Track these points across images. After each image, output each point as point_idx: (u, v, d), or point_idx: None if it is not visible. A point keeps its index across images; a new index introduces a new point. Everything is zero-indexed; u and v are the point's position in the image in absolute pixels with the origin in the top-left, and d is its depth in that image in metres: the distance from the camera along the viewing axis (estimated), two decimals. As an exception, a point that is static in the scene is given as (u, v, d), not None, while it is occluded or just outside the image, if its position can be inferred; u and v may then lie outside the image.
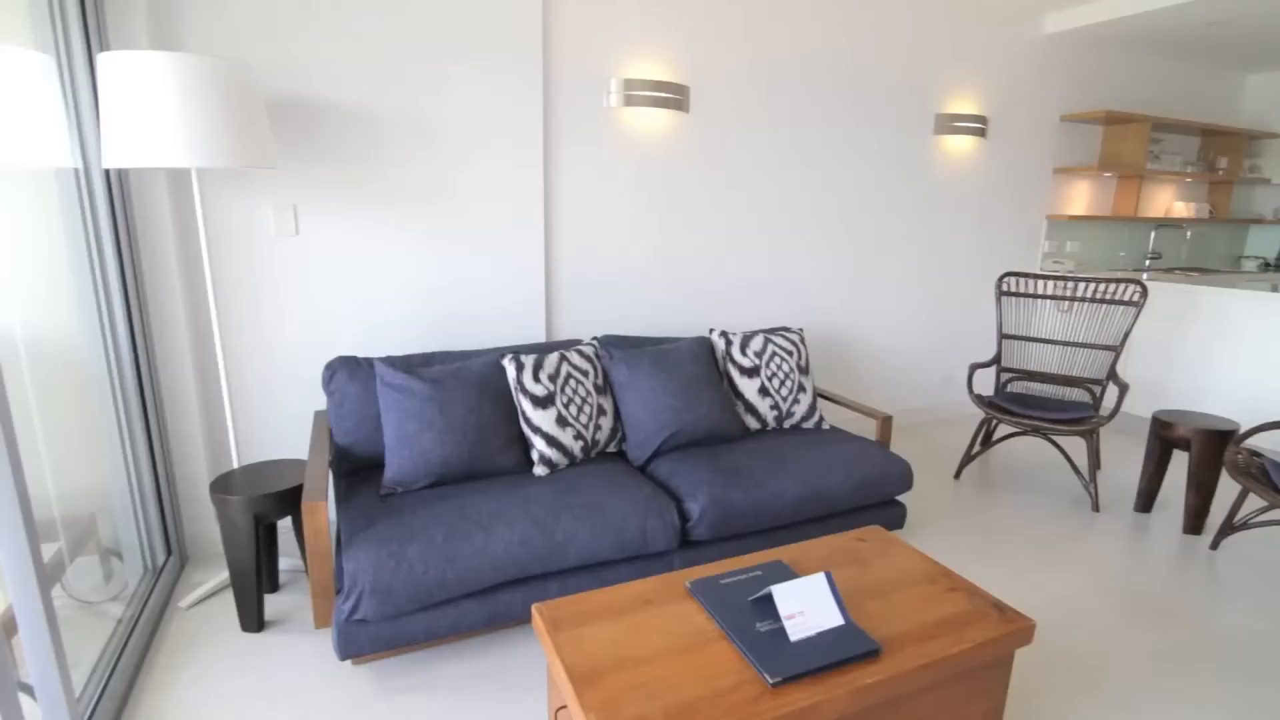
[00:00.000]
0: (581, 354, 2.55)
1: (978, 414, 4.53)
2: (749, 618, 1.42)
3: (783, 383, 2.81)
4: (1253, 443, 3.73)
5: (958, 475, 3.48)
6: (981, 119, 3.97)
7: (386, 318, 2.73)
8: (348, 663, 1.98)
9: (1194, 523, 2.92)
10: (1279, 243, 5.55)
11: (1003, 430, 4.12)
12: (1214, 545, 2.80)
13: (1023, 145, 4.28)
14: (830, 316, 3.87)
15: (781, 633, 1.37)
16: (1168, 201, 5.16)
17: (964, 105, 3.97)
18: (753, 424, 2.78)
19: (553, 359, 2.44)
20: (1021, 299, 3.60)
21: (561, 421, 2.34)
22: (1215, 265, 5.58)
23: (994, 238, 4.35)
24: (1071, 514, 3.08)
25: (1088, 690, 1.93)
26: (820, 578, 1.45)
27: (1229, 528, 2.76)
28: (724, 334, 2.88)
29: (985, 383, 4.50)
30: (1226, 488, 3.39)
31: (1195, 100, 5.09)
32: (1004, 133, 4.18)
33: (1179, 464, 3.68)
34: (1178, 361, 4.00)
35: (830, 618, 1.40)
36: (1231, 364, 3.76)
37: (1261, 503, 3.16)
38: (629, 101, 3.04)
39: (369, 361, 2.40)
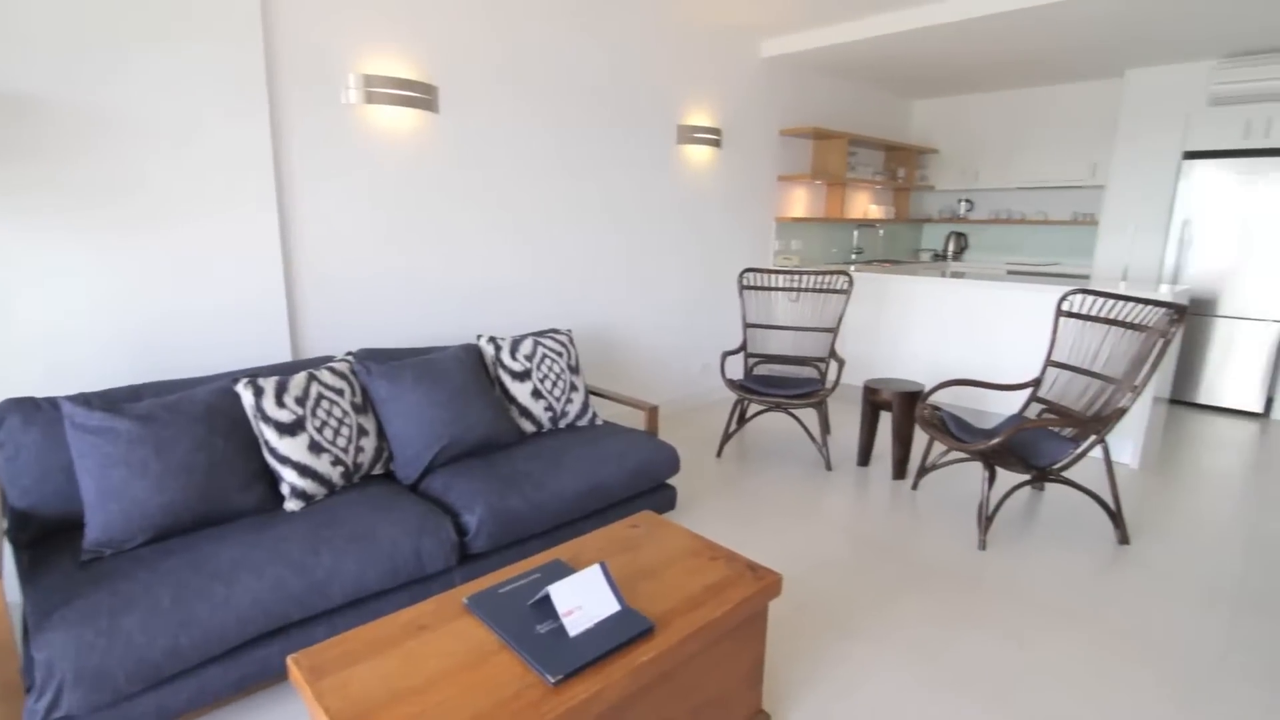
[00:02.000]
0: (334, 371, 2.35)
1: (731, 397, 5.01)
2: (529, 622, 1.42)
3: (555, 384, 2.85)
4: (935, 399, 4.60)
5: (719, 454, 3.82)
6: (716, 131, 4.38)
7: (78, 349, 2.25)
8: (49, 774, 1.61)
9: (899, 469, 3.53)
10: (943, 237, 6.90)
11: (754, 409, 4.60)
12: (914, 486, 3.42)
13: (752, 155, 4.81)
14: (597, 315, 4.01)
15: (561, 630, 1.39)
16: (865, 205, 6.15)
17: (701, 118, 4.36)
18: (528, 427, 2.79)
19: (299, 380, 2.21)
20: (760, 291, 4.05)
21: (315, 448, 2.13)
22: (901, 257, 6.77)
23: (735, 237, 4.84)
24: (811, 475, 3.55)
25: (830, 624, 2.24)
26: (595, 569, 1.49)
27: (923, 470, 3.39)
28: (492, 339, 2.84)
29: (736, 368, 4.98)
30: (921, 438, 4.15)
31: (879, 121, 6.14)
32: (736, 144, 4.66)
33: (887, 422, 4.42)
34: (879, 337, 4.79)
35: (607, 606, 1.45)
36: (917, 336, 4.59)
37: (944, 447, 3.91)
38: (371, 99, 2.86)
39: (52, 402, 1.97)
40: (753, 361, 4.02)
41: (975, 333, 4.30)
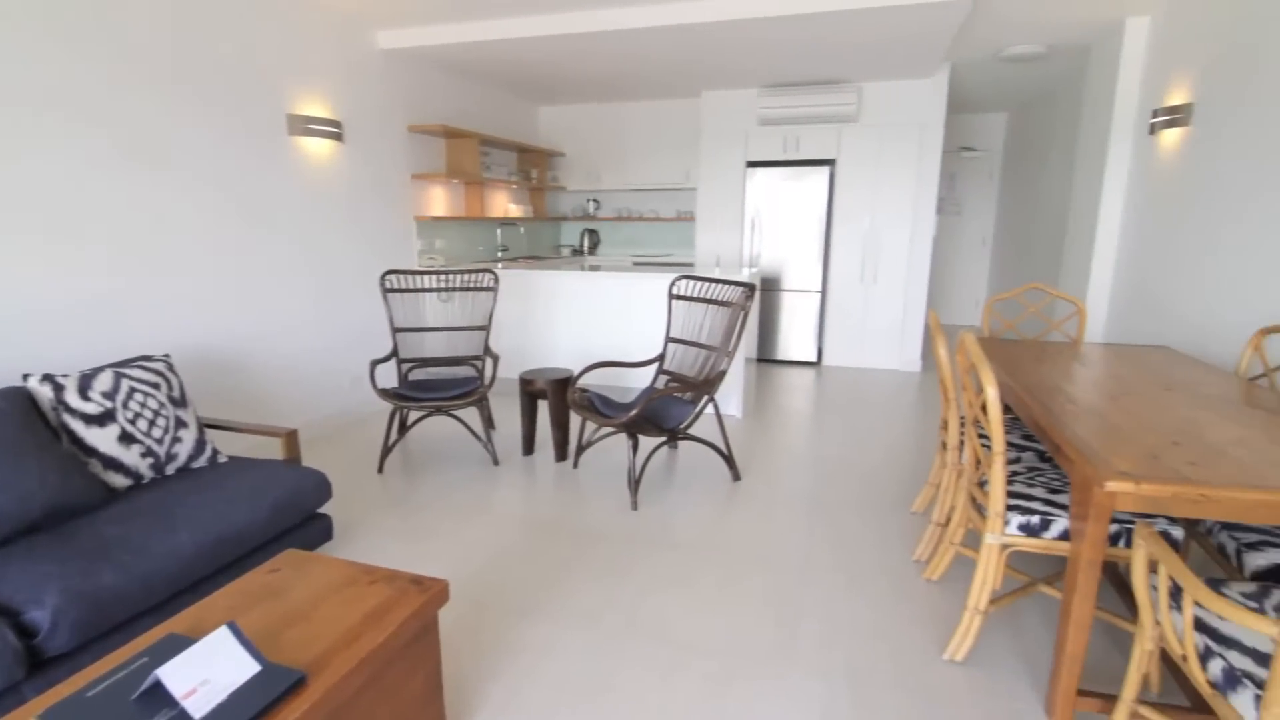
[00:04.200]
0: None
1: (388, 407, 4.75)
2: (134, 720, 1.15)
3: (152, 423, 2.34)
4: (583, 382, 4.99)
5: (380, 469, 3.60)
6: (336, 123, 4.05)
7: None
8: None
9: (561, 452, 3.76)
10: (579, 234, 7.49)
11: (414, 416, 4.43)
12: (575, 465, 3.67)
13: (380, 152, 4.57)
14: (210, 334, 3.41)
15: (183, 716, 1.16)
16: (504, 204, 6.34)
17: (316, 108, 3.98)
18: (120, 482, 2.24)
19: None
20: (406, 294, 3.89)
21: None
22: (544, 253, 7.17)
23: (372, 239, 4.56)
24: (480, 472, 3.56)
25: (509, 612, 2.28)
26: (222, 631, 1.28)
27: (581, 449, 3.66)
28: (49, 378, 2.21)
29: (390, 376, 4.74)
30: (577, 420, 4.47)
31: (509, 123, 6.36)
32: (361, 139, 4.37)
33: (545, 410, 4.66)
34: (530, 330, 5.01)
35: (244, 670, 1.25)
36: (564, 326, 4.92)
37: (595, 425, 4.27)
38: None
39: None
40: (407, 367, 3.86)
41: (612, 319, 4.77)
